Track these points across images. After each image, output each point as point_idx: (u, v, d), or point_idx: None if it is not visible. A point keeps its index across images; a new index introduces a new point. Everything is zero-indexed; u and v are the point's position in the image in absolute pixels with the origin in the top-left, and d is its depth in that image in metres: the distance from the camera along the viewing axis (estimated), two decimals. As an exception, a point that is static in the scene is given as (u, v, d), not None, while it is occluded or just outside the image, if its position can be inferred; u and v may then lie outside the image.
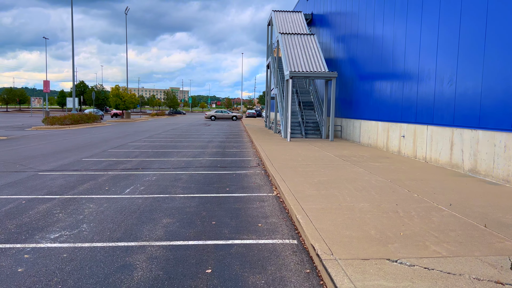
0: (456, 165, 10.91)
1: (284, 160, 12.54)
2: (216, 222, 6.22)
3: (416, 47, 13.43)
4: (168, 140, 21.39)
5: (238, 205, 7.33)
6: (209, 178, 10.15)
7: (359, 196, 7.47)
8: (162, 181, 9.60)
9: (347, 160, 12.72)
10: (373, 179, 9.25)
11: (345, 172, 10.21)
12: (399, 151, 14.61)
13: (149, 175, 10.50)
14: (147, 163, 12.71)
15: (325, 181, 8.96)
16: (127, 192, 8.39)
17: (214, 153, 15.80)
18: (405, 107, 14.25)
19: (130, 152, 15.52)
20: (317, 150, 15.68)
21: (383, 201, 7.05)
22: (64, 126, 32.85)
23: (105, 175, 10.36)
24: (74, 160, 13.09)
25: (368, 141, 17.88)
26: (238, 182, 9.65)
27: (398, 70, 14.91)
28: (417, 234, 5.25)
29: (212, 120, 57.85)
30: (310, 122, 23.31)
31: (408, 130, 13.88)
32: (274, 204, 7.45)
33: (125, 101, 51.36)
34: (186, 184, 9.26)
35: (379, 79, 16.74)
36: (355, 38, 20.03)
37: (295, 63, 21.45)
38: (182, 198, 7.84)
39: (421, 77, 13.08)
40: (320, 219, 5.87)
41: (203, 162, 13.10)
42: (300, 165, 11.35)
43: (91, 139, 21.62)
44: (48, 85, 63.80)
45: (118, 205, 7.28)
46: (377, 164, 11.95)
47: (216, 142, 20.83)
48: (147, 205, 7.30)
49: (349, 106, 20.86)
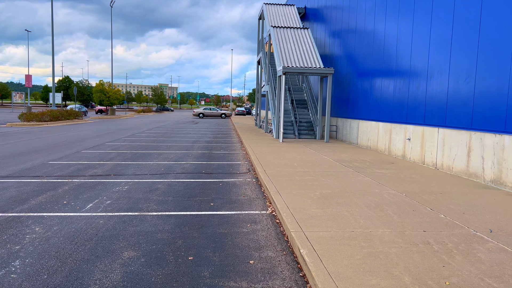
0: (475, 174, 9.57)
1: (278, 165, 11.08)
2: (194, 257, 4.72)
3: (425, 41, 12.07)
4: (150, 140, 19.76)
5: (224, 228, 5.84)
6: (191, 188, 8.63)
7: (374, 217, 6.05)
8: (134, 193, 8.05)
9: (348, 166, 11.31)
10: (384, 192, 7.83)
11: (350, 182, 8.79)
12: (403, 155, 13.26)
13: (120, 183, 8.93)
14: (121, 167, 11.13)
15: (329, 194, 7.52)
16: (88, 208, 6.84)
17: (199, 155, 14.26)
18: (411, 106, 12.89)
19: (105, 154, 13.89)
20: (313, 153, 14.25)
21: (406, 225, 5.63)
22: (42, 123, 30.91)
23: (68, 184, 8.77)
24: (39, 164, 11.45)
25: (367, 143, 16.52)
26: (225, 194, 8.16)
27: (403, 67, 13.54)
28: (469, 283, 3.83)
29: (200, 117, 56.11)
30: (303, 122, 21.89)
31: (415, 133, 12.53)
32: (269, 227, 5.97)
33: (109, 97, 49.36)
34: (163, 197, 7.73)
35: (381, 76, 15.37)
36: (353, 33, 18.64)
37: (288, 58, 19.99)
38: (154, 218, 6.32)
39: (431, 73, 11.72)
40: (332, 256, 4.42)
41: (186, 167, 11.56)
42: (297, 172, 9.90)
43: (67, 137, 19.88)
44: (30, 79, 61.29)
45: (72, 228, 5.73)
46: (383, 171, 10.56)
47: (202, 142, 19.28)
48: (109, 228, 5.76)
49: (345, 105, 19.48)
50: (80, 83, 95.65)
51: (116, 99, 50.56)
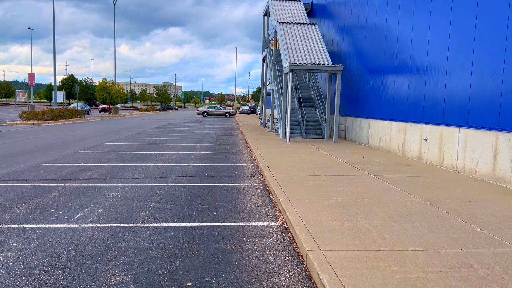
0: (502, 179, 8.76)
1: (286, 167, 10.32)
2: (194, 283, 3.98)
3: (444, 35, 11.25)
4: (152, 140, 19.05)
5: (228, 244, 5.10)
6: (193, 194, 7.89)
7: (401, 230, 5.28)
8: (130, 199, 7.33)
9: (362, 168, 10.53)
10: (407, 200, 7.05)
11: (367, 188, 8.01)
12: (419, 156, 12.45)
13: (116, 188, 8.21)
14: (119, 170, 10.42)
15: (345, 202, 6.75)
16: (77, 218, 6.11)
17: (202, 156, 13.53)
18: (428, 105, 12.08)
19: (103, 155, 13.19)
20: (323, 154, 13.47)
21: (439, 242, 4.86)
22: (43, 121, 30.30)
23: (59, 189, 8.06)
24: (32, 166, 10.76)
25: (378, 143, 15.71)
26: (230, 200, 7.41)
27: (418, 63, 12.72)
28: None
29: (204, 116, 55.39)
30: (310, 121, 21.09)
31: (432, 133, 11.72)
32: (281, 243, 5.22)
33: (112, 95, 48.72)
34: (161, 205, 6.99)
35: (394, 73, 14.56)
36: (363, 29, 17.82)
37: (295, 55, 19.19)
38: (150, 230, 5.59)
39: (451, 69, 10.90)
40: (359, 285, 3.65)
41: (188, 169, 10.83)
42: (307, 176, 9.13)
43: (66, 137, 19.21)
44: (33, 78, 60.83)
45: (55, 243, 5.01)
46: (400, 175, 9.77)
47: (206, 142, 18.54)
48: (97, 243, 5.03)
49: (355, 104, 18.67)
50: (84, 81, 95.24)
51: (119, 98, 49.90)
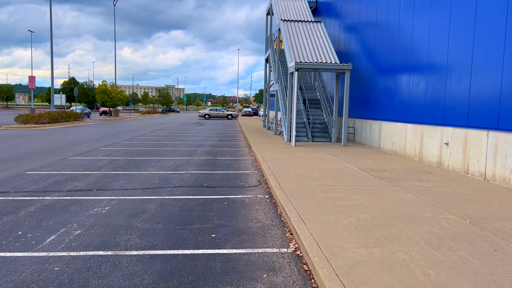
0: (543, 189, 7.66)
1: (294, 176, 9.26)
2: None
3: (468, 29, 10.17)
4: (150, 144, 18.01)
5: (229, 282, 4.03)
6: (188, 209, 6.83)
7: (446, 262, 4.20)
8: (115, 217, 6.28)
9: (379, 176, 9.45)
10: (441, 218, 5.97)
11: (390, 201, 6.93)
12: (439, 162, 11.35)
13: (101, 203, 7.17)
14: (109, 179, 9.38)
15: (369, 221, 5.68)
16: (47, 243, 5.06)
17: (202, 162, 12.47)
18: (449, 106, 10.99)
19: (95, 162, 12.16)
20: (333, 159, 12.40)
21: (503, 283, 3.78)
22: (39, 125, 29.35)
23: (36, 203, 7.02)
24: (13, 175, 9.74)
25: (391, 147, 14.62)
26: (231, 218, 6.35)
27: (437, 61, 11.64)
28: None
29: (206, 119, 54.40)
30: (317, 123, 20.01)
31: (455, 136, 10.63)
32: (296, 280, 4.14)
33: (112, 98, 47.79)
34: (150, 224, 5.94)
35: (408, 72, 13.48)
36: (373, 27, 16.76)
37: (300, 53, 18.14)
38: (133, 261, 4.53)
39: (476, 67, 9.82)
40: None
41: (185, 178, 9.77)
42: (320, 187, 8.06)
43: (60, 141, 18.21)
44: (33, 80, 59.88)
45: (9, 281, 3.96)
46: (423, 184, 8.68)
47: (206, 146, 17.49)
48: (64, 281, 3.97)
49: (364, 105, 17.59)
50: (85, 84, 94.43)
51: (119, 100, 48.96)
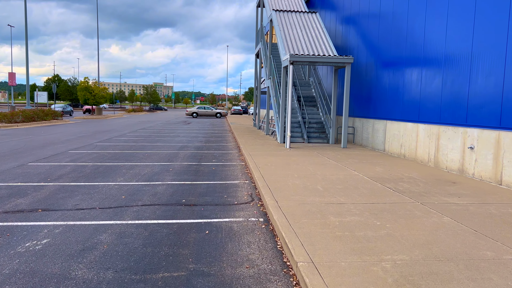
0: None
1: (294, 188, 7.50)
2: None
3: (502, 9, 8.51)
4: (127, 146, 16.09)
5: None
6: (155, 243, 5.01)
7: None
8: (51, 257, 4.44)
9: (397, 189, 7.74)
10: (509, 260, 4.27)
11: (426, 230, 5.21)
12: (461, 169, 9.71)
13: (40, 232, 5.32)
14: (64, 193, 7.51)
15: (410, 267, 3.94)
16: None
17: (183, 169, 10.64)
18: (474, 104, 9.35)
19: (56, 169, 10.25)
20: (336, 165, 10.67)
21: None
22: (12, 124, 27.14)
23: (-52, 234, 5.14)
24: None
25: (399, 150, 12.96)
26: (214, 259, 4.56)
27: (457, 52, 9.98)
28: None
29: (194, 117, 52.34)
30: (313, 123, 18.29)
31: (482, 139, 8.98)
32: None
33: (95, 95, 45.48)
34: (96, 271, 4.12)
35: (419, 66, 11.82)
36: (376, 17, 15.07)
37: (295, 46, 16.39)
38: None
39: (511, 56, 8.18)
40: None
41: (160, 192, 7.93)
42: (329, 206, 6.31)
43: (27, 143, 16.19)
44: (13, 77, 57.03)
45: None
46: (455, 200, 6.99)
47: (191, 149, 15.64)
48: None
49: (366, 103, 15.92)
50: (69, 81, 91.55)
51: (102, 98, 46.61)
